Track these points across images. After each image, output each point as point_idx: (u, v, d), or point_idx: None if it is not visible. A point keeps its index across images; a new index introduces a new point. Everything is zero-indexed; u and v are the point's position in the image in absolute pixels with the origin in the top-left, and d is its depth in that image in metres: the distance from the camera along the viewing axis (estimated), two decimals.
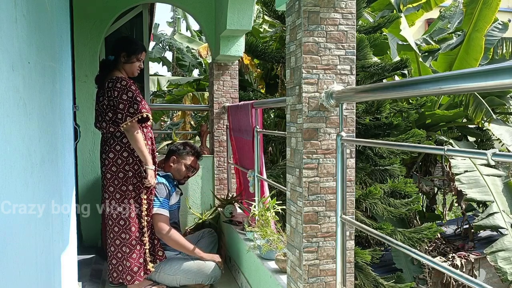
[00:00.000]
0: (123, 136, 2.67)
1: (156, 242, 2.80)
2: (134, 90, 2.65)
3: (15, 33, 1.14)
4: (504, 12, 15.91)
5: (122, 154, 2.67)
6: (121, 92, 2.61)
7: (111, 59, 2.78)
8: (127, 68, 2.80)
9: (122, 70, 2.77)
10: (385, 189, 4.54)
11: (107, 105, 2.66)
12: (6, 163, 1.02)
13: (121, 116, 2.59)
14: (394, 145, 3.32)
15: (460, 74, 1.18)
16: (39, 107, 1.45)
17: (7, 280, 1.01)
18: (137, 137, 2.61)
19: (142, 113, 2.61)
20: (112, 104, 2.63)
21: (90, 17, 3.79)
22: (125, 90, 2.62)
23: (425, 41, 8.43)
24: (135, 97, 2.62)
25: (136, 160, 2.67)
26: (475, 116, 6.26)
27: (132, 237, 2.65)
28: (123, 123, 2.58)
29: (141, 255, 2.69)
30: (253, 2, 3.59)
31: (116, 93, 2.61)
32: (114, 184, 2.65)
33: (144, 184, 2.68)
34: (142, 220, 2.70)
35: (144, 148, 2.64)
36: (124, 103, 2.60)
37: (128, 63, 2.79)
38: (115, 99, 2.61)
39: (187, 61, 11.77)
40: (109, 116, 2.65)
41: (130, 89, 2.63)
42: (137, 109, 2.60)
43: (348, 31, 1.77)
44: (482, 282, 1.20)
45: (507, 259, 5.24)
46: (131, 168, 2.67)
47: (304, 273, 1.77)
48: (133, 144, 2.63)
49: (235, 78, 4.08)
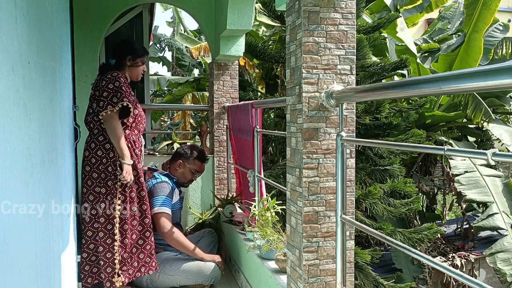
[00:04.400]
0: (100, 134, 2.56)
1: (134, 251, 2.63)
2: (122, 82, 2.57)
3: (15, 33, 1.14)
4: (504, 12, 15.92)
5: (96, 152, 2.55)
6: (108, 82, 2.54)
7: (112, 63, 2.73)
8: (132, 71, 2.76)
9: (123, 73, 2.71)
10: (385, 189, 4.54)
11: (93, 95, 2.59)
12: (6, 163, 1.02)
13: (103, 104, 2.49)
14: (394, 145, 3.32)
15: (460, 74, 1.18)
16: (39, 107, 1.45)
17: (7, 280, 1.01)
18: (115, 128, 2.49)
19: (123, 102, 2.50)
20: (98, 94, 2.55)
21: (90, 17, 3.79)
22: (113, 80, 2.55)
23: (425, 42, 8.43)
24: (120, 87, 2.53)
25: (110, 162, 2.54)
26: (474, 116, 6.26)
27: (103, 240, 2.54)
28: (103, 111, 2.47)
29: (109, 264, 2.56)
30: (253, 2, 3.59)
31: (104, 82, 2.55)
32: (87, 185, 2.55)
33: (120, 181, 2.53)
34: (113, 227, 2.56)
35: (122, 141, 2.51)
36: (109, 91, 2.52)
37: (134, 66, 2.75)
38: (102, 87, 2.54)
39: (187, 61, 11.77)
40: (93, 107, 2.57)
41: (118, 79, 2.56)
42: (119, 97, 2.50)
43: (348, 31, 1.77)
44: (482, 282, 1.20)
45: (506, 260, 5.23)
46: (104, 169, 2.54)
47: (304, 273, 1.77)
48: (110, 135, 2.51)
49: (235, 78, 4.08)
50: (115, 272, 2.55)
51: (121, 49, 2.79)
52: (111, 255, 2.55)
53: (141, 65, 2.78)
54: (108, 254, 2.55)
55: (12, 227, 1.10)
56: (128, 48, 2.77)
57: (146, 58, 2.83)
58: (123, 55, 2.73)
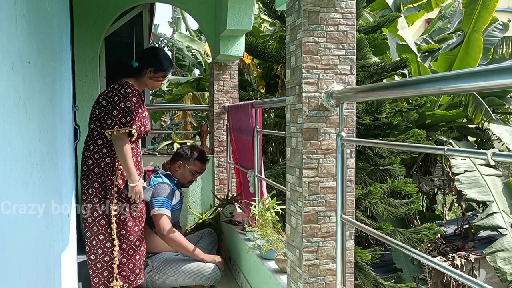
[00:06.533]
0: (99, 137, 2.53)
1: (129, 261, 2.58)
2: (135, 103, 2.50)
3: (15, 33, 1.14)
4: (504, 12, 15.92)
5: (93, 155, 2.52)
6: (121, 99, 2.47)
7: (134, 66, 2.63)
8: (149, 82, 2.67)
9: (140, 80, 2.64)
10: (385, 189, 4.54)
11: (100, 102, 2.54)
12: (6, 163, 1.02)
13: (110, 122, 2.44)
14: (394, 145, 3.32)
15: (460, 74, 1.18)
16: (39, 107, 1.45)
17: (7, 280, 1.01)
18: (123, 148, 2.45)
19: (131, 128, 2.45)
20: (108, 107, 2.50)
21: (90, 17, 3.79)
22: (126, 99, 2.48)
23: (425, 41, 8.43)
24: (132, 109, 2.47)
25: (106, 167, 2.51)
26: (475, 117, 6.26)
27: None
28: (109, 129, 2.43)
29: (107, 268, 2.52)
30: (253, 2, 3.59)
31: (116, 97, 2.48)
32: (82, 184, 2.54)
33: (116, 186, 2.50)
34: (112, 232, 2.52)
35: (130, 161, 2.46)
36: (119, 110, 2.45)
37: (152, 79, 2.66)
38: (113, 103, 2.48)
39: (187, 61, 11.76)
40: (98, 116, 2.52)
41: (131, 100, 2.49)
42: (129, 121, 2.45)
43: (348, 31, 1.77)
44: (482, 282, 1.20)
45: (506, 259, 5.24)
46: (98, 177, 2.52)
47: (304, 273, 1.77)
48: (118, 154, 2.47)
49: (235, 78, 4.07)
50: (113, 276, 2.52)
51: (146, 56, 2.69)
52: (109, 259, 2.53)
53: (161, 79, 2.69)
54: (106, 258, 2.52)
55: (12, 227, 1.10)
56: (153, 58, 2.66)
57: (168, 72, 2.73)
58: (146, 64, 2.63)
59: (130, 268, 2.57)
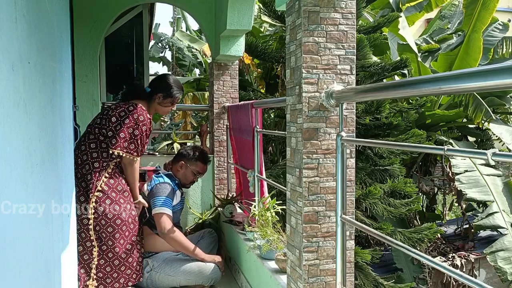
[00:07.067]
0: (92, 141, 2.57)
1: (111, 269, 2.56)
2: (143, 131, 2.58)
3: (15, 33, 1.14)
4: (504, 12, 15.91)
5: (82, 157, 2.55)
6: (131, 124, 2.54)
7: (147, 91, 2.73)
8: (158, 108, 2.75)
9: (150, 105, 2.72)
10: (385, 189, 4.54)
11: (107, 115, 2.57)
12: (6, 163, 1.02)
13: (115, 142, 2.51)
14: (394, 145, 3.32)
15: (460, 74, 1.18)
16: (39, 107, 1.45)
17: (7, 280, 1.01)
18: (134, 171, 2.60)
19: (132, 156, 2.55)
20: (116, 125, 2.55)
21: (90, 17, 3.79)
22: (136, 126, 2.55)
23: (425, 41, 8.43)
24: (138, 137, 2.56)
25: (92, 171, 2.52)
26: (475, 117, 6.26)
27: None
28: (112, 148, 2.51)
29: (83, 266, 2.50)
30: (253, 2, 3.59)
31: (127, 120, 2.54)
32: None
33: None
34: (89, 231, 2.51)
35: (137, 183, 2.62)
36: (126, 134, 2.53)
37: (161, 105, 2.74)
38: (122, 125, 2.54)
39: (187, 61, 11.75)
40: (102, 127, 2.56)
41: (141, 128, 2.57)
42: (132, 149, 2.55)
43: (348, 31, 1.77)
44: (482, 282, 1.20)
45: (506, 259, 5.24)
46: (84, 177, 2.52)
47: (304, 273, 1.77)
48: (127, 176, 2.61)
49: (235, 78, 4.08)
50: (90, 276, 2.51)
51: (156, 82, 2.77)
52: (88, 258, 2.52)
53: (170, 106, 2.76)
54: (85, 256, 2.52)
55: (12, 227, 1.10)
56: (164, 85, 2.74)
57: (177, 100, 2.79)
58: (156, 89, 2.72)
59: (108, 271, 2.55)
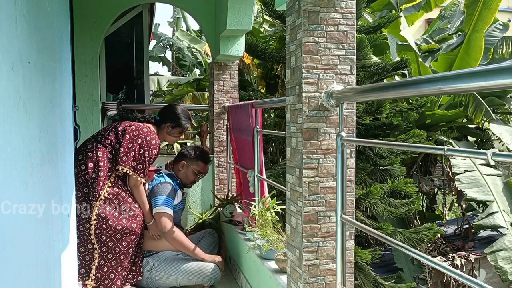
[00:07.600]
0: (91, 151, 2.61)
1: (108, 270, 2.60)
2: (153, 154, 2.67)
3: (15, 33, 1.14)
4: (504, 12, 15.91)
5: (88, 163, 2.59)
6: (142, 146, 2.62)
7: (157, 119, 2.83)
8: (167, 137, 2.85)
9: (159, 133, 2.80)
10: (385, 189, 4.54)
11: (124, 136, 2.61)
12: (6, 163, 1.02)
13: (125, 160, 2.58)
14: (394, 145, 3.32)
15: (460, 74, 1.18)
16: (39, 107, 1.45)
17: (7, 280, 1.01)
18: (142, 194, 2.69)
19: (139, 177, 2.63)
20: (128, 143, 2.60)
21: (90, 17, 3.79)
22: (147, 148, 2.64)
23: (425, 41, 8.43)
24: (147, 160, 2.65)
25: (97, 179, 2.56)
26: (475, 117, 6.26)
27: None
28: (123, 165, 2.57)
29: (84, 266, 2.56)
30: (253, 2, 3.59)
31: (140, 140, 2.62)
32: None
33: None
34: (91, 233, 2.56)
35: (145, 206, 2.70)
36: (136, 154, 2.60)
37: (170, 134, 2.83)
38: (134, 144, 2.60)
39: (187, 61, 11.75)
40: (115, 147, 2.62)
41: (151, 151, 2.66)
42: (140, 170, 2.63)
43: (348, 31, 1.77)
44: (482, 282, 1.20)
45: (507, 258, 5.24)
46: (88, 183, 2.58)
47: (304, 273, 1.77)
48: (137, 198, 2.69)
49: (235, 78, 4.08)
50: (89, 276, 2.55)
51: (165, 112, 2.86)
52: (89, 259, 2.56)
53: (178, 135, 2.84)
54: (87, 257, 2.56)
55: (12, 227, 1.10)
56: (172, 115, 2.83)
57: (185, 129, 2.87)
58: (164, 119, 2.82)
59: (104, 272, 2.59)
